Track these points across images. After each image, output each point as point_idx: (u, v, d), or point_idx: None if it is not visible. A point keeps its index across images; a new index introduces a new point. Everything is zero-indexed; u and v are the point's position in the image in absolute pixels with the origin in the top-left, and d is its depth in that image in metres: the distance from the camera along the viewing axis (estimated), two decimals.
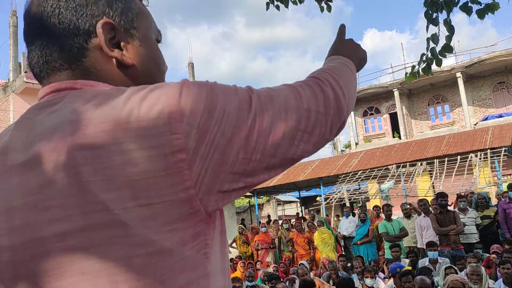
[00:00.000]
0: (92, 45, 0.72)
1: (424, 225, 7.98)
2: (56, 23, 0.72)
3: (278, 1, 4.29)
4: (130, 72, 0.76)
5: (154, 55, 0.81)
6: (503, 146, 16.41)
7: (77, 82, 0.71)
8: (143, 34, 0.78)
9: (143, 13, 0.80)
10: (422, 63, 3.31)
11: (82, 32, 0.72)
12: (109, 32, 0.73)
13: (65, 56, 0.72)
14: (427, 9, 3.19)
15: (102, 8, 0.74)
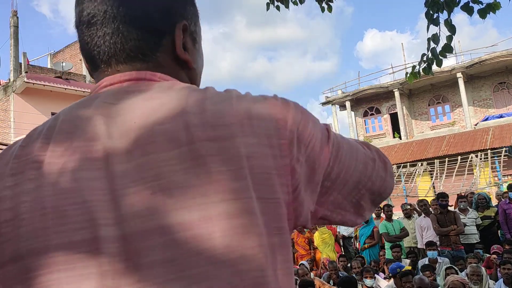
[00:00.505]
0: (166, 42, 0.72)
1: (424, 225, 7.98)
2: (142, 15, 0.71)
3: (278, 1, 4.30)
4: (190, 75, 0.77)
5: (203, 61, 0.82)
6: (503, 147, 16.41)
7: (156, 74, 0.70)
8: (200, 39, 0.80)
9: (199, 20, 0.81)
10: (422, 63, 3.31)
11: (162, 29, 0.72)
12: (183, 34, 0.74)
13: (141, 48, 0.71)
14: (428, 9, 3.19)
15: (182, 11, 0.75)
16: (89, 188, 0.59)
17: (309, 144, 0.65)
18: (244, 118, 0.62)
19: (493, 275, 6.28)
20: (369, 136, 27.98)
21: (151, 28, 0.71)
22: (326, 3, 4.21)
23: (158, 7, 0.72)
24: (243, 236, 0.58)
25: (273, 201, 0.61)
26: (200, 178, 0.58)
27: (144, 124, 0.61)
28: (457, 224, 7.47)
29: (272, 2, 4.28)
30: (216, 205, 0.57)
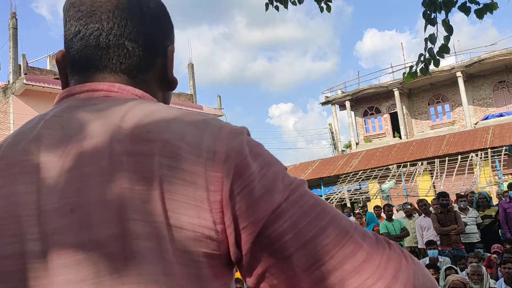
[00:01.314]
0: (157, 63, 0.75)
1: (425, 225, 7.98)
2: (144, 34, 0.73)
3: (277, 1, 4.30)
4: (167, 96, 0.80)
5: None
6: (503, 146, 16.40)
7: (114, 85, 0.70)
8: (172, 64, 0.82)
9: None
10: (420, 63, 3.31)
11: (157, 50, 0.75)
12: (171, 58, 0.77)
13: (132, 64, 0.72)
14: (425, 9, 3.19)
15: (171, 35, 0.79)
16: (21, 202, 0.61)
17: (248, 185, 0.57)
18: (173, 138, 0.59)
19: (494, 275, 6.27)
20: (369, 135, 27.99)
21: (148, 47, 0.74)
22: (325, 3, 4.21)
23: (160, 29, 0.76)
24: (148, 261, 0.56)
25: (189, 231, 0.57)
26: (114, 193, 0.57)
27: (77, 138, 0.62)
28: (457, 224, 7.47)
29: (271, 3, 4.28)
30: (128, 223, 0.56)
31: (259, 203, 0.57)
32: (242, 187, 0.57)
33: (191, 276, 0.57)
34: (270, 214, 0.57)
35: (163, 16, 0.77)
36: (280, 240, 0.57)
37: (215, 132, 0.61)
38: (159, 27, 0.76)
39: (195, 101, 27.02)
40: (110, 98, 0.69)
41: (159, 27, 0.76)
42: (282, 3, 4.23)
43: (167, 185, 0.57)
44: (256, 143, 0.63)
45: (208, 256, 0.58)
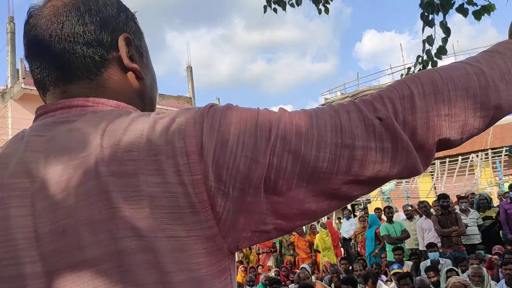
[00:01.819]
0: (111, 57, 0.74)
1: (426, 227, 7.96)
2: (83, 32, 0.73)
3: (275, 4, 4.29)
4: (140, 86, 0.78)
5: (154, 76, 0.85)
6: (504, 146, 16.38)
7: (89, 99, 0.71)
8: (147, 54, 0.83)
9: (144, 38, 0.84)
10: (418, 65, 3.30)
11: (105, 44, 0.74)
12: (127, 46, 0.76)
13: (86, 66, 0.73)
14: (423, 11, 3.18)
15: (123, 25, 0.77)
16: (16, 225, 0.62)
17: (233, 164, 0.60)
18: (151, 154, 0.60)
19: (495, 276, 6.25)
20: None
21: (94, 44, 0.73)
22: (323, 5, 4.20)
23: (99, 23, 0.74)
24: (144, 272, 0.59)
25: (185, 239, 0.60)
26: (102, 214, 0.59)
27: (61, 158, 0.63)
28: (458, 225, 7.45)
29: (269, 5, 4.27)
30: (119, 241, 0.59)
31: (249, 177, 0.60)
32: (225, 178, 0.60)
33: (191, 280, 0.60)
34: (262, 181, 0.61)
35: (106, 7, 0.76)
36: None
37: (182, 131, 0.61)
38: (103, 21, 0.74)
39: (194, 104, 27.05)
40: (86, 113, 0.69)
41: (104, 21, 0.74)
42: (280, 5, 4.22)
43: (156, 201, 0.59)
44: (222, 121, 0.62)
45: (207, 255, 0.61)
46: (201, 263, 0.61)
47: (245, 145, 0.61)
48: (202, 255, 0.61)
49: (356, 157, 0.62)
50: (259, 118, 0.63)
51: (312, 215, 0.66)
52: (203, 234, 0.61)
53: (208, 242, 0.61)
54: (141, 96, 0.78)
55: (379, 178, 0.65)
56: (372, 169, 0.63)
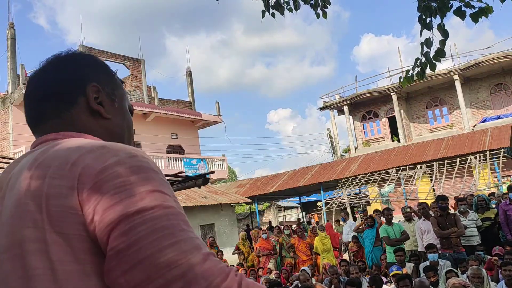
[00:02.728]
0: (81, 101, 0.97)
1: (425, 228, 7.96)
2: (56, 83, 0.98)
3: (273, 8, 4.32)
4: (106, 124, 0.99)
5: (127, 119, 1.06)
6: (502, 148, 16.43)
7: (60, 133, 0.93)
8: (120, 101, 1.05)
9: (121, 88, 1.08)
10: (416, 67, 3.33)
11: (75, 90, 0.97)
12: (95, 93, 0.98)
13: (58, 109, 0.96)
14: (420, 14, 3.22)
15: (92, 76, 1.00)
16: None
17: (99, 202, 0.75)
18: (63, 163, 0.80)
19: (494, 277, 6.27)
20: (368, 140, 28.02)
21: (63, 94, 0.97)
22: (321, 9, 4.23)
23: (68, 79, 0.98)
24: (37, 259, 0.75)
25: (71, 236, 0.75)
26: (18, 233, 0.77)
27: (11, 187, 0.85)
28: (457, 226, 7.45)
29: (267, 10, 4.30)
30: (22, 230, 0.77)
31: (111, 208, 0.74)
32: (99, 199, 0.75)
33: (79, 272, 0.74)
34: (116, 222, 0.74)
35: (80, 68, 1.00)
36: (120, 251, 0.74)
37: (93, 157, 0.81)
38: (76, 76, 0.98)
39: (194, 108, 27.04)
40: (48, 145, 0.90)
41: (76, 76, 0.98)
42: (279, 10, 4.25)
43: (51, 199, 0.77)
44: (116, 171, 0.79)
45: (93, 254, 0.75)
46: (87, 260, 0.75)
47: (123, 189, 0.80)
48: (88, 253, 0.75)
49: None
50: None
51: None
52: (86, 235, 0.75)
53: (92, 243, 0.75)
54: (108, 132, 0.99)
55: None
56: None
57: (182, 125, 25.38)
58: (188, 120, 25.70)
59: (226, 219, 19.49)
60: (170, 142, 24.77)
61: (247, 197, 22.10)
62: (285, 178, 23.83)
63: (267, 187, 23.45)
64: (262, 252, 10.91)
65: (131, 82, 24.07)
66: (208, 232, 17.80)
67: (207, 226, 18.43)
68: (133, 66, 24.34)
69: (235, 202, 20.82)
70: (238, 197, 21.35)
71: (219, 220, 19.11)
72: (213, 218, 18.80)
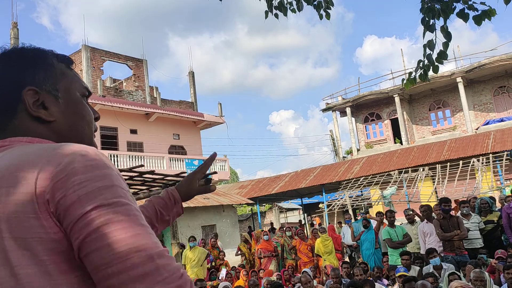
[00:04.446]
0: (22, 108, 0.93)
1: (427, 231, 7.93)
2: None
3: (277, 9, 4.32)
4: (52, 127, 0.95)
5: (77, 110, 1.00)
6: (505, 151, 16.38)
7: (5, 140, 0.92)
8: (65, 94, 0.98)
9: (65, 77, 1.01)
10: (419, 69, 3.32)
11: (12, 99, 0.93)
12: (33, 97, 0.94)
13: (1, 122, 0.93)
14: (424, 15, 3.21)
15: (26, 78, 0.94)
16: None
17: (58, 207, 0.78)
18: (17, 171, 0.81)
19: (496, 280, 6.24)
20: (370, 141, 27.97)
21: (2, 106, 0.93)
22: (324, 11, 4.23)
23: (1, 88, 0.94)
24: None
25: (30, 239, 0.77)
26: None
27: None
28: (460, 229, 7.42)
29: (270, 11, 4.30)
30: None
31: (72, 207, 0.78)
32: (58, 199, 0.78)
33: (41, 273, 0.76)
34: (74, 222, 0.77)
35: (6, 71, 0.95)
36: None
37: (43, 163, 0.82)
38: (5, 85, 0.94)
39: (196, 109, 27.05)
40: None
41: (5, 85, 0.94)
42: (282, 11, 4.25)
43: (7, 206, 0.79)
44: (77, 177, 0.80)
45: (54, 254, 0.78)
46: (50, 260, 0.77)
47: (79, 190, 0.83)
48: (51, 253, 0.78)
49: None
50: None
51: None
52: (47, 237, 0.77)
53: (53, 244, 0.78)
54: (58, 134, 0.95)
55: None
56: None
57: (184, 125, 25.39)
58: (190, 121, 25.71)
59: (228, 220, 19.48)
60: (172, 143, 24.78)
61: (248, 198, 22.09)
62: (287, 180, 23.81)
63: (268, 188, 23.44)
64: (263, 254, 10.89)
65: (134, 82, 24.10)
66: (209, 233, 17.81)
67: (208, 227, 18.43)
68: (135, 67, 24.36)
69: (237, 203, 20.81)
70: (240, 198, 21.34)
71: (221, 221, 19.10)
72: (215, 219, 18.80)
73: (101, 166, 0.82)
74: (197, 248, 9.91)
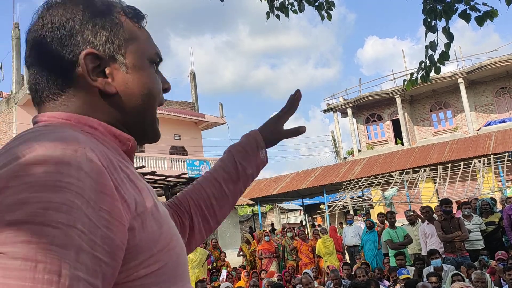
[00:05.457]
0: (77, 75, 0.74)
1: (428, 232, 7.92)
2: (44, 53, 0.75)
3: (278, 10, 4.33)
4: (114, 101, 0.77)
5: (144, 80, 0.80)
6: (506, 152, 16.35)
7: (44, 114, 0.74)
8: (132, 59, 0.79)
9: (134, 38, 0.80)
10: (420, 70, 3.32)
11: (68, 63, 0.74)
12: (93, 61, 0.74)
13: (51, 86, 0.75)
14: (425, 16, 3.20)
15: (86, 38, 0.75)
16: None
17: None
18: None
19: (497, 282, 6.23)
20: (371, 142, 27.95)
21: (56, 65, 0.74)
22: (325, 11, 4.23)
23: (59, 43, 0.74)
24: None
25: None
26: None
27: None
28: (461, 230, 7.42)
29: (272, 11, 4.31)
30: None
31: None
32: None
33: None
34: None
35: (65, 25, 0.75)
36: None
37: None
38: (63, 42, 0.74)
39: (197, 109, 27.08)
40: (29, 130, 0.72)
41: (64, 42, 0.74)
42: (283, 12, 4.25)
43: None
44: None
45: None
46: None
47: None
48: None
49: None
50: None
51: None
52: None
53: None
54: (119, 108, 0.77)
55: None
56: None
57: (185, 126, 25.40)
58: (191, 121, 25.73)
59: (229, 221, 19.48)
60: (173, 143, 24.79)
61: (249, 199, 22.08)
62: (288, 181, 23.80)
63: (269, 189, 23.43)
64: (264, 255, 10.88)
65: None
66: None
67: None
68: None
69: (238, 204, 20.81)
70: (241, 198, 21.33)
71: None
72: None
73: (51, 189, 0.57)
74: (198, 249, 9.90)
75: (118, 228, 0.62)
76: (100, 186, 0.62)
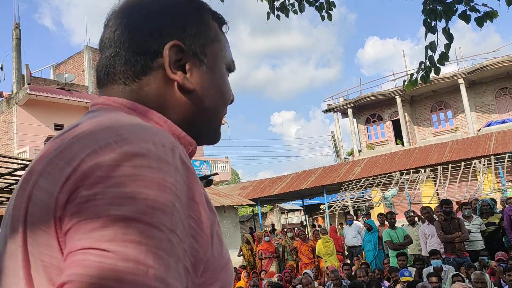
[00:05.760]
0: (157, 65, 0.72)
1: (428, 232, 7.93)
2: (131, 37, 0.73)
3: (278, 10, 4.33)
4: (188, 98, 0.74)
5: (220, 84, 0.80)
6: (506, 152, 16.35)
7: (110, 98, 0.72)
8: (212, 61, 0.78)
9: (217, 41, 0.80)
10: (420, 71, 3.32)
11: (151, 51, 0.72)
12: (176, 54, 0.73)
13: (126, 71, 0.73)
14: (425, 17, 3.21)
15: (175, 30, 0.74)
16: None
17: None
18: (58, 155, 0.58)
19: (497, 282, 6.23)
20: (372, 143, 27.95)
21: (139, 52, 0.72)
22: (326, 12, 4.24)
23: (147, 29, 0.73)
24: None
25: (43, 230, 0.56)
26: (16, 203, 0.61)
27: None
28: (461, 231, 7.42)
29: (272, 12, 4.31)
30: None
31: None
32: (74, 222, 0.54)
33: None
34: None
35: (160, 14, 0.75)
36: None
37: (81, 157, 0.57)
38: (153, 28, 0.73)
39: None
40: (94, 112, 0.70)
41: (154, 28, 0.73)
42: (284, 12, 4.26)
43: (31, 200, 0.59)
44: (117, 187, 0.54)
45: None
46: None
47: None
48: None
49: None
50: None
51: None
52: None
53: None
54: (193, 106, 0.75)
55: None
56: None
57: None
58: None
59: (229, 221, 19.48)
60: None
61: (250, 199, 22.08)
62: (288, 181, 23.81)
63: (270, 189, 23.43)
64: (264, 255, 10.89)
65: None
66: None
67: None
68: None
69: (238, 204, 20.81)
70: (241, 199, 21.34)
71: (222, 222, 19.10)
72: None
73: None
74: None
75: (203, 239, 0.59)
76: (191, 192, 0.58)
